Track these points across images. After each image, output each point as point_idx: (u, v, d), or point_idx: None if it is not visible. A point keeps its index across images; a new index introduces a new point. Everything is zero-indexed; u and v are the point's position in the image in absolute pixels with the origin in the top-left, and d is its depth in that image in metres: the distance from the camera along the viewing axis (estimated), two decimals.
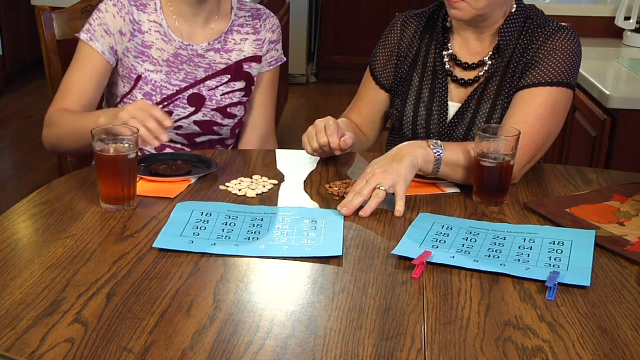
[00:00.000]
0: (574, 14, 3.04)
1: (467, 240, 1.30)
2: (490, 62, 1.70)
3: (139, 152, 1.56)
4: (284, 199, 1.49)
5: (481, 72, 1.70)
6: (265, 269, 1.21)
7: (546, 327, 1.05)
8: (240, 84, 1.86)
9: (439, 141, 1.50)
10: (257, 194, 1.49)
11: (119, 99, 1.82)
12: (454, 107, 1.72)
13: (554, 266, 1.21)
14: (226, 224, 1.34)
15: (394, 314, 1.07)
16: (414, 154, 1.46)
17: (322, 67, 5.92)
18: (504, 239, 1.31)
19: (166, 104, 1.80)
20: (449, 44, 1.74)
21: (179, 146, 1.84)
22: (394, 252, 1.25)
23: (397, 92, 1.80)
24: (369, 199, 1.40)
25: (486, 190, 1.46)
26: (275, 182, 1.55)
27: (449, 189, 1.54)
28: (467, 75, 1.72)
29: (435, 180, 1.54)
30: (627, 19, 2.96)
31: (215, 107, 1.83)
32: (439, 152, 1.48)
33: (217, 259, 1.22)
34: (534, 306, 1.10)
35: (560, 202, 1.47)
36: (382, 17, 5.55)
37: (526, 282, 1.17)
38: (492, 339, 1.02)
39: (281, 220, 1.36)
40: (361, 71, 1.88)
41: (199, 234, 1.29)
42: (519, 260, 1.23)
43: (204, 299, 1.10)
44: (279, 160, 1.72)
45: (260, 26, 1.88)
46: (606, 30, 3.05)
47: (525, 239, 1.31)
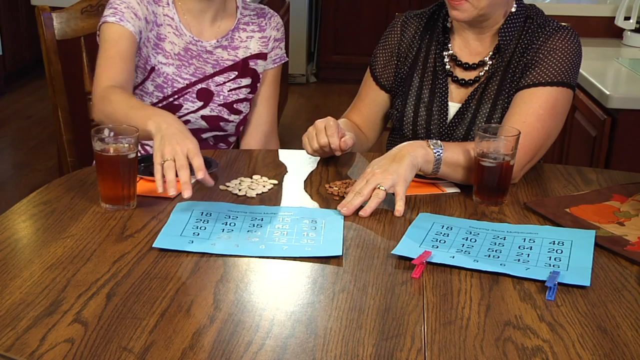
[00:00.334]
0: (574, 14, 3.04)
1: (467, 240, 1.30)
2: (490, 63, 1.69)
3: (139, 152, 1.56)
4: (284, 199, 1.49)
5: (481, 72, 1.70)
6: (265, 269, 1.21)
7: (546, 327, 1.05)
8: (246, 81, 1.88)
9: (439, 141, 1.50)
10: (257, 194, 1.49)
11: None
12: (454, 108, 1.72)
13: (554, 266, 1.21)
14: (226, 224, 1.34)
15: (394, 314, 1.07)
16: (414, 154, 1.45)
17: (322, 67, 5.92)
18: (504, 239, 1.31)
19: (177, 97, 1.81)
20: (450, 45, 1.74)
21: None
22: (394, 252, 1.25)
23: (397, 92, 1.80)
24: (369, 199, 1.40)
25: (486, 190, 1.46)
26: (275, 182, 1.55)
27: (449, 189, 1.53)
28: (467, 75, 1.72)
29: (435, 180, 1.54)
30: (627, 19, 2.96)
31: (222, 102, 1.85)
32: (439, 152, 1.48)
33: (217, 259, 1.22)
34: (534, 306, 1.10)
35: (560, 202, 1.47)
36: (382, 17, 5.55)
37: (526, 282, 1.17)
38: (492, 339, 1.02)
39: (281, 220, 1.36)
40: (361, 71, 1.89)
41: (199, 234, 1.29)
42: (519, 260, 1.23)
43: (204, 299, 1.10)
44: (279, 160, 1.72)
45: (265, 24, 1.91)
46: (606, 30, 3.05)
47: (525, 239, 1.31)
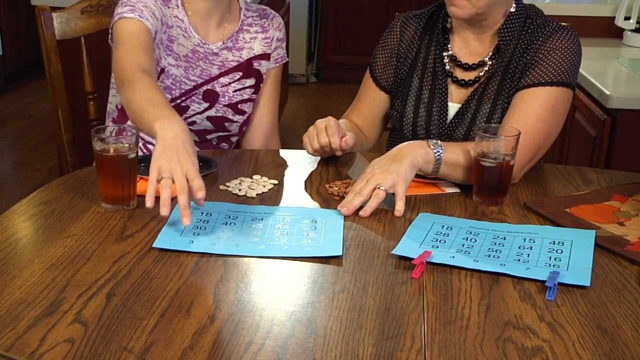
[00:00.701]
0: (574, 13, 3.04)
1: (467, 240, 1.30)
2: (490, 63, 1.69)
3: (139, 152, 1.56)
4: (284, 199, 1.49)
5: (481, 72, 1.70)
6: (265, 269, 1.21)
7: (546, 327, 1.05)
8: (250, 81, 1.89)
9: (439, 141, 1.50)
10: (257, 194, 1.49)
11: None
12: (454, 108, 1.71)
13: (554, 266, 1.21)
14: (226, 224, 1.34)
15: (394, 314, 1.07)
16: (414, 154, 1.45)
17: (322, 67, 5.92)
18: (504, 239, 1.31)
19: (184, 98, 1.82)
20: (449, 45, 1.74)
21: None
22: (394, 252, 1.25)
23: (397, 93, 1.80)
24: (369, 199, 1.40)
25: (486, 190, 1.46)
26: (275, 182, 1.55)
27: (449, 189, 1.53)
28: (467, 76, 1.71)
29: (435, 180, 1.54)
30: (627, 19, 2.96)
31: (227, 103, 1.86)
32: (439, 152, 1.48)
33: (217, 259, 1.22)
34: (534, 306, 1.10)
35: (560, 202, 1.47)
36: (382, 17, 5.55)
37: (526, 282, 1.17)
38: (492, 339, 1.02)
39: (281, 220, 1.36)
40: (361, 71, 1.89)
41: (199, 234, 1.29)
42: (519, 260, 1.23)
43: (204, 299, 1.10)
44: (280, 160, 1.72)
45: (268, 25, 1.91)
46: (606, 30, 3.05)
47: (525, 239, 1.30)
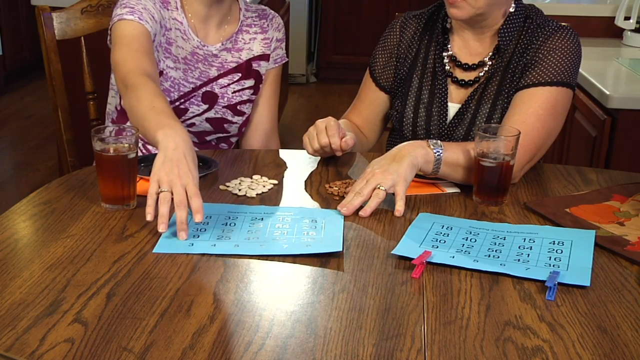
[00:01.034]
0: (574, 13, 3.03)
1: (467, 240, 1.30)
2: (490, 63, 1.69)
3: (139, 152, 1.56)
4: (284, 199, 1.49)
5: (481, 72, 1.70)
6: (265, 269, 1.21)
7: (546, 327, 1.05)
8: (250, 82, 1.89)
9: (439, 141, 1.50)
10: (257, 194, 1.49)
11: None
12: (453, 108, 1.71)
13: (554, 266, 1.21)
14: (226, 225, 1.34)
15: (394, 314, 1.07)
16: (414, 154, 1.45)
17: (322, 67, 5.92)
18: (504, 239, 1.31)
19: (183, 101, 1.81)
20: (449, 45, 1.74)
21: None
22: (394, 252, 1.25)
23: (396, 93, 1.80)
24: (369, 199, 1.40)
25: (486, 190, 1.46)
26: (275, 182, 1.55)
27: (449, 189, 1.53)
28: (467, 76, 1.71)
29: (435, 180, 1.54)
30: (627, 19, 2.96)
31: (226, 104, 1.86)
32: (439, 152, 1.48)
33: (217, 259, 1.22)
34: (534, 306, 1.10)
35: (560, 202, 1.47)
36: (382, 17, 5.55)
37: (526, 282, 1.17)
38: (492, 339, 1.02)
39: (281, 220, 1.36)
40: (361, 71, 1.88)
41: (199, 237, 1.29)
42: (519, 260, 1.23)
43: (204, 299, 1.10)
44: (279, 160, 1.72)
45: (267, 25, 1.91)
46: (606, 30, 3.05)
47: (525, 239, 1.30)
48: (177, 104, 1.81)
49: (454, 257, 1.23)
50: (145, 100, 1.48)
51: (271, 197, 1.49)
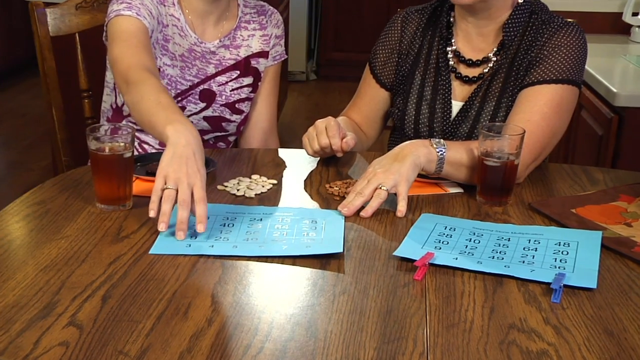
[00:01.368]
0: (580, 9, 3.00)
1: (470, 241, 1.29)
2: (495, 59, 1.68)
3: (135, 151, 1.54)
4: (283, 199, 1.48)
5: (485, 69, 1.68)
6: (264, 271, 1.19)
7: (551, 330, 1.04)
8: (248, 80, 1.87)
9: (442, 140, 1.48)
10: (256, 194, 1.47)
11: None
12: (457, 106, 1.70)
13: (559, 268, 1.19)
14: (224, 225, 1.32)
15: (396, 316, 1.06)
16: (417, 154, 1.44)
17: (322, 64, 5.92)
18: (509, 240, 1.29)
19: (180, 99, 1.80)
20: (453, 40, 1.72)
21: None
22: (395, 253, 1.23)
23: (398, 90, 1.78)
24: (371, 200, 1.39)
25: (490, 190, 1.44)
26: (274, 182, 1.54)
27: (452, 189, 1.52)
28: (471, 72, 1.70)
29: (438, 180, 1.53)
30: (635, 14, 2.93)
31: (224, 102, 1.84)
32: (442, 151, 1.46)
33: (215, 261, 1.21)
34: (539, 309, 1.09)
35: (565, 202, 1.45)
36: (383, 13, 5.54)
37: (531, 284, 1.16)
38: (496, 342, 1.01)
39: (281, 220, 1.35)
40: (362, 68, 1.87)
41: (196, 237, 1.27)
42: (524, 261, 1.22)
43: (201, 301, 1.08)
44: (279, 159, 1.71)
45: (266, 22, 1.89)
46: (613, 26, 3.02)
47: (530, 240, 1.29)
48: (175, 102, 1.78)
49: (457, 258, 1.22)
50: (150, 95, 1.46)
51: (270, 197, 1.47)
